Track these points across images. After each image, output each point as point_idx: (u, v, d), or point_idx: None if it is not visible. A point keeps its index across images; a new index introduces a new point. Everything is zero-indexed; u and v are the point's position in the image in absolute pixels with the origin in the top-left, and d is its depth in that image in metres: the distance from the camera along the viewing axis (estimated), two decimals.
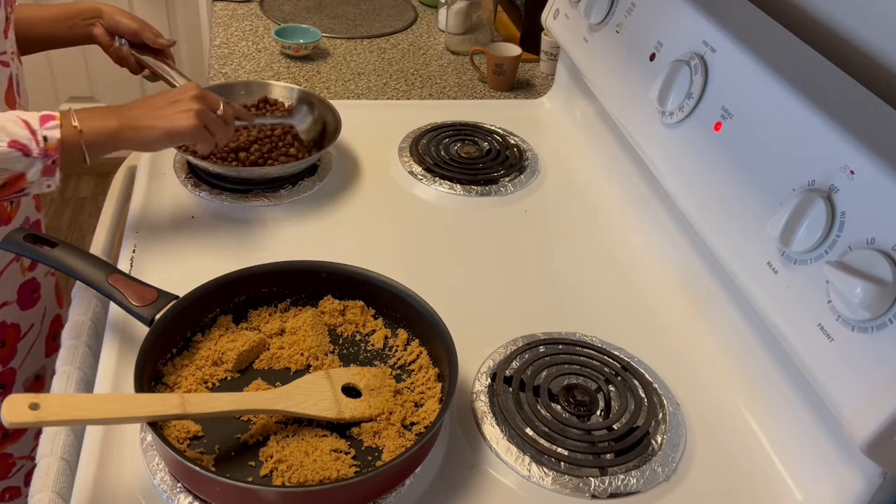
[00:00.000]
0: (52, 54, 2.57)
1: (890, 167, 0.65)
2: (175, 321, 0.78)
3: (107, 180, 1.10)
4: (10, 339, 1.09)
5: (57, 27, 1.12)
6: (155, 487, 0.70)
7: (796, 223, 0.71)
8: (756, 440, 0.81)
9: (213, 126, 0.94)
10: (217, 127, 0.95)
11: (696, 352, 0.91)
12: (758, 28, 0.88)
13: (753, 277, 0.77)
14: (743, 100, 0.83)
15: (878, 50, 0.82)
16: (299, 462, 0.69)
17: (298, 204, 1.08)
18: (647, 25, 1.01)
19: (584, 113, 1.30)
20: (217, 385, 0.78)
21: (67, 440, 0.75)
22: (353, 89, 1.47)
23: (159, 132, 0.90)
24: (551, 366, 0.85)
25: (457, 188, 1.14)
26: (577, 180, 1.21)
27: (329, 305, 0.86)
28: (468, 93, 1.50)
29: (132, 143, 0.90)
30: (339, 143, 1.19)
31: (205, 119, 0.93)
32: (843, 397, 0.65)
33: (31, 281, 1.11)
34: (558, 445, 0.76)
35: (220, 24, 1.69)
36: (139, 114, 0.91)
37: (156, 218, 1.03)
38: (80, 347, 0.85)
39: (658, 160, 0.96)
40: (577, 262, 1.04)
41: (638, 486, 0.74)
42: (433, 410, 0.76)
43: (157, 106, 0.92)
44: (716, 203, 0.84)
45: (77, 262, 0.82)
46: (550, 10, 1.30)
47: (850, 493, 0.69)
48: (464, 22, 1.64)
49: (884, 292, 0.62)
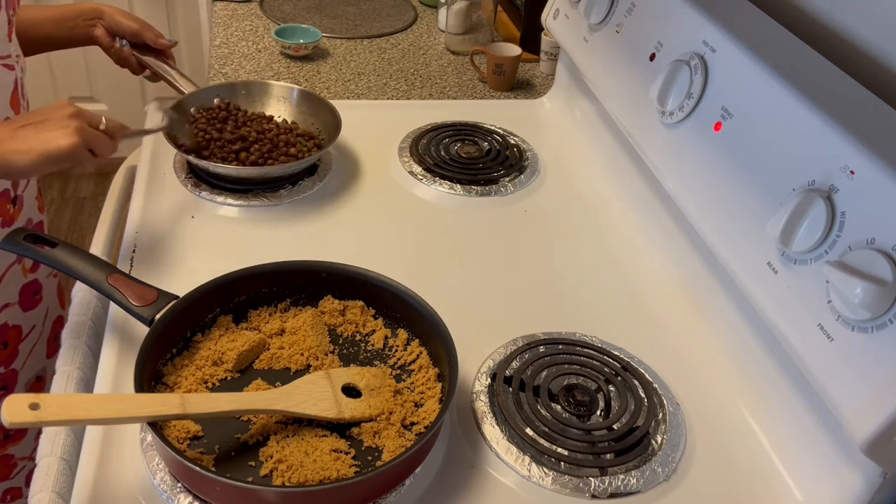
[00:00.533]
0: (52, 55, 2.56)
1: (890, 167, 0.65)
2: (175, 321, 0.78)
3: (107, 180, 1.10)
4: (11, 340, 1.09)
5: (58, 28, 1.12)
6: (155, 487, 0.70)
7: (796, 223, 0.71)
8: (756, 440, 0.81)
9: (95, 142, 0.85)
10: (100, 143, 0.85)
11: (696, 352, 0.91)
12: (758, 28, 0.88)
13: (753, 277, 0.77)
14: (743, 100, 0.83)
15: (878, 50, 0.82)
16: (299, 462, 0.69)
17: (298, 204, 1.08)
18: (647, 25, 1.01)
19: (584, 113, 1.30)
20: (217, 385, 0.78)
21: (67, 440, 0.75)
22: (353, 89, 1.47)
23: (33, 156, 0.80)
24: (551, 366, 0.85)
25: (457, 188, 1.14)
26: (577, 180, 1.21)
27: (329, 305, 0.86)
28: (468, 93, 1.50)
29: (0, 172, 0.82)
30: (339, 143, 1.19)
31: (85, 136, 0.83)
32: (843, 397, 0.65)
33: (33, 282, 1.11)
34: (558, 445, 0.76)
35: (220, 24, 1.69)
36: (3, 138, 0.81)
37: (156, 218, 1.03)
38: (80, 347, 0.85)
39: (658, 160, 0.96)
40: (577, 262, 1.04)
41: (638, 486, 0.74)
42: (433, 410, 0.76)
43: (25, 125, 0.82)
44: (716, 203, 0.84)
45: (77, 262, 0.82)
46: (550, 10, 1.30)
47: (850, 493, 0.69)
48: (464, 22, 1.64)
49: (884, 292, 0.62)
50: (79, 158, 0.84)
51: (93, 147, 0.85)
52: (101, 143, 0.85)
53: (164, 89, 1.20)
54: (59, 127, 0.82)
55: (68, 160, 0.83)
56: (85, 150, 0.84)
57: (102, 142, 0.86)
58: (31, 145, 0.81)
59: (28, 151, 0.81)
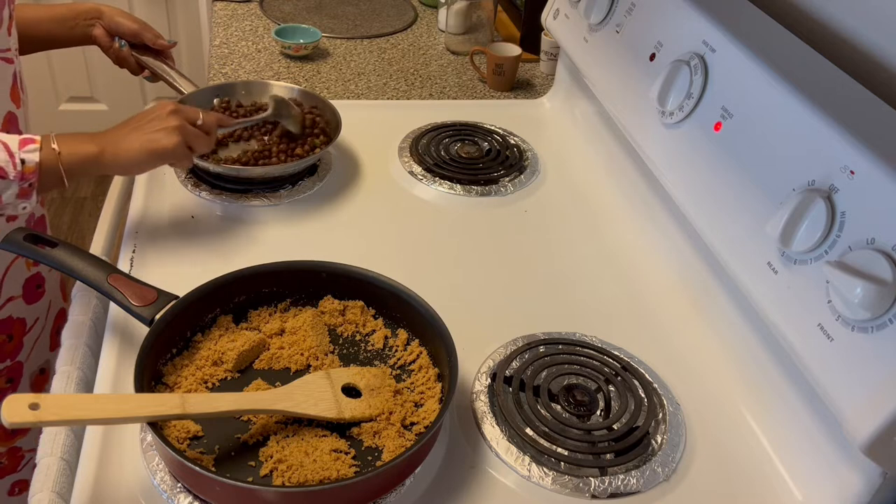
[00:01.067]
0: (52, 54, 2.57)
1: (890, 167, 0.65)
2: (175, 321, 0.78)
3: (107, 180, 1.10)
4: (16, 333, 1.09)
5: (57, 27, 1.12)
6: (155, 487, 0.70)
7: (796, 223, 0.71)
8: (756, 440, 0.81)
9: (194, 140, 0.92)
10: (198, 140, 0.93)
11: (696, 352, 0.91)
12: (758, 28, 0.88)
13: (753, 277, 0.77)
14: (743, 100, 0.83)
15: (878, 50, 0.82)
16: (299, 462, 0.69)
17: (298, 204, 1.08)
18: (647, 25, 1.01)
19: (584, 113, 1.30)
20: (217, 385, 0.78)
21: (67, 440, 0.75)
22: (353, 89, 1.47)
23: (141, 154, 0.88)
24: (551, 366, 0.85)
25: (457, 188, 1.14)
26: (577, 180, 1.21)
27: (329, 305, 0.86)
28: (468, 93, 1.50)
29: (113, 167, 0.89)
30: (339, 143, 1.19)
31: (185, 134, 0.91)
32: (843, 397, 0.65)
33: (36, 276, 1.11)
34: (558, 445, 0.76)
35: (220, 24, 1.69)
36: (118, 137, 0.89)
37: (156, 218, 1.03)
38: (80, 347, 0.85)
39: (658, 160, 0.96)
40: (576, 262, 1.04)
41: (638, 486, 0.74)
42: (433, 410, 0.76)
43: (135, 127, 0.90)
44: (716, 203, 0.84)
45: (77, 262, 0.82)
46: (550, 10, 1.30)
47: (850, 493, 0.69)
48: (464, 22, 1.64)
49: (884, 292, 0.62)
50: (178, 155, 0.91)
51: (191, 144, 0.92)
52: (198, 139, 0.93)
53: (165, 89, 1.20)
54: (163, 127, 0.90)
55: (170, 157, 0.91)
56: (184, 147, 0.91)
57: (199, 138, 0.93)
58: (138, 145, 0.88)
59: (136, 150, 0.88)
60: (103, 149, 0.87)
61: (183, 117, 0.92)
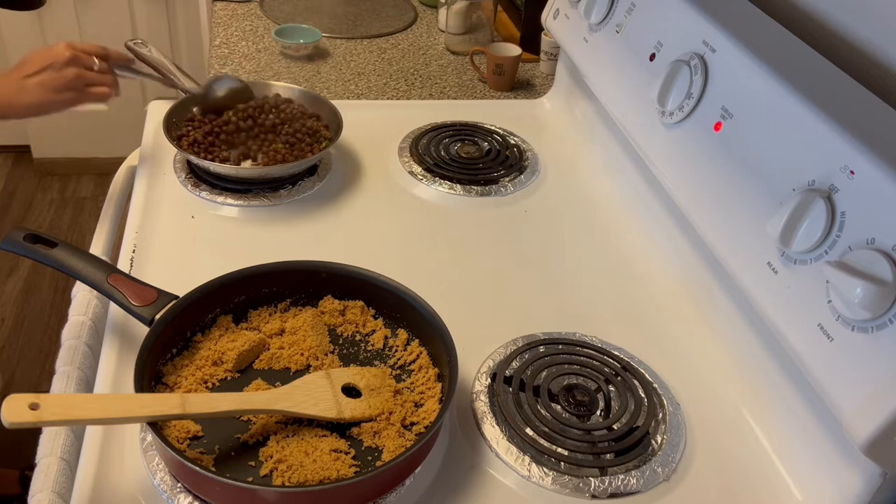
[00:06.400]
0: None
1: (890, 167, 0.65)
2: (175, 321, 0.78)
3: (107, 180, 1.10)
4: None
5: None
6: (155, 487, 0.70)
7: (796, 223, 0.71)
8: (756, 440, 0.81)
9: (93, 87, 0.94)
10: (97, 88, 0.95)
11: (696, 352, 0.91)
12: (758, 28, 0.88)
13: (753, 277, 0.77)
14: (743, 100, 0.83)
15: (878, 50, 0.82)
16: (299, 462, 0.69)
17: (298, 204, 1.08)
18: (647, 25, 1.01)
19: (584, 113, 1.30)
20: (217, 385, 0.78)
21: (67, 440, 0.75)
22: (353, 89, 1.47)
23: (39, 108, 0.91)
24: (551, 366, 0.85)
25: (457, 188, 1.14)
26: (577, 180, 1.21)
27: (329, 305, 0.86)
28: (468, 93, 1.50)
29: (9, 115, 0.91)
30: (339, 143, 1.19)
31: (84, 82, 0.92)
32: (843, 397, 0.65)
33: None
34: (558, 445, 0.76)
35: (220, 24, 1.69)
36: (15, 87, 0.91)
37: (156, 218, 1.03)
38: (80, 347, 0.85)
39: (658, 160, 0.96)
40: (576, 262, 1.04)
41: (638, 486, 0.74)
42: (433, 410, 0.76)
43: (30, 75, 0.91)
44: (716, 203, 0.84)
45: (77, 262, 0.82)
46: (550, 10, 1.30)
47: (850, 493, 0.69)
48: (464, 22, 1.64)
49: (884, 292, 0.62)
50: (78, 101, 0.94)
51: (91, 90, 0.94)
52: (97, 85, 0.95)
53: (165, 89, 1.19)
54: (61, 79, 0.91)
55: (70, 104, 0.94)
56: (82, 97, 0.93)
57: (98, 84, 0.95)
58: (37, 97, 0.90)
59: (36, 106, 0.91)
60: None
61: (81, 65, 0.93)
